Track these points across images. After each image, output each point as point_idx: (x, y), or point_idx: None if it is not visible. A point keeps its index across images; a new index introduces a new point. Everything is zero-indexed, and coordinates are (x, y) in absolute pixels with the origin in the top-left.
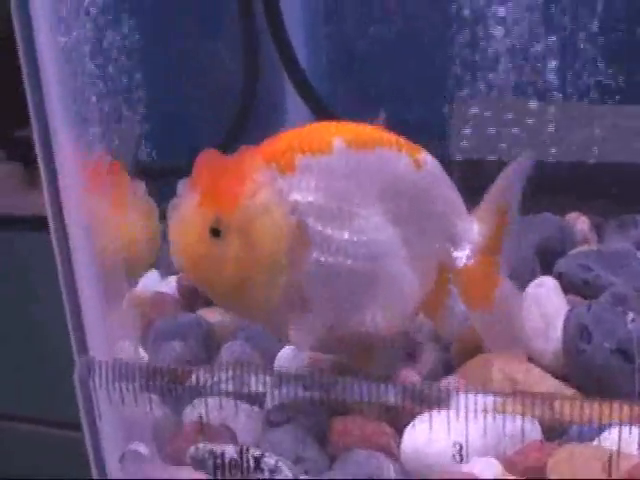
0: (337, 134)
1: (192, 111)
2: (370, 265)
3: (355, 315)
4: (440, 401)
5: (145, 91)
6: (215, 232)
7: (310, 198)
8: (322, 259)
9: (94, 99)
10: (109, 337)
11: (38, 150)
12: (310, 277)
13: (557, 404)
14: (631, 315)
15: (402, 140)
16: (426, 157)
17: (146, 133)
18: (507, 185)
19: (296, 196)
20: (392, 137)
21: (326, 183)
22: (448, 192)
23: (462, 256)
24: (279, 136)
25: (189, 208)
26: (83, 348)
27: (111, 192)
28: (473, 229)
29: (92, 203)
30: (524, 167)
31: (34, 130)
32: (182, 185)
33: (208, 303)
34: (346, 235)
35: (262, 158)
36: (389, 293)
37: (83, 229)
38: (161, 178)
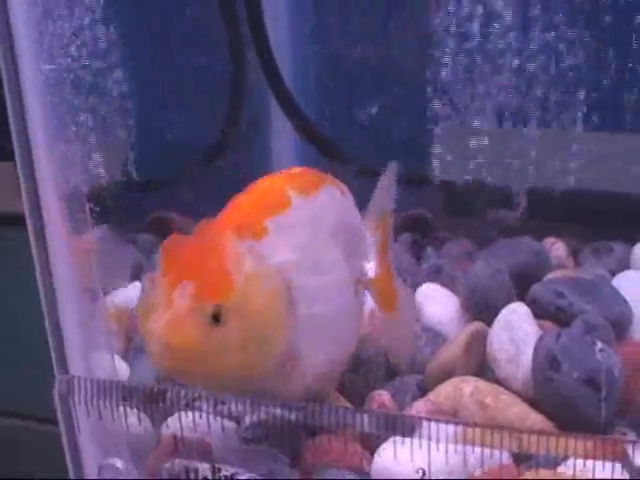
0: (288, 187)
1: (178, 127)
2: (338, 303)
3: (339, 353)
4: (405, 430)
5: (131, 105)
6: (215, 319)
7: (289, 256)
8: (307, 311)
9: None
10: (87, 351)
11: (17, 156)
12: (299, 332)
13: (524, 437)
14: (599, 345)
15: (327, 175)
16: (344, 186)
17: (132, 147)
18: (384, 195)
19: (277, 258)
20: (322, 175)
21: (294, 237)
22: (357, 211)
23: (371, 267)
24: (235, 204)
25: (184, 303)
26: (63, 365)
27: None
28: (371, 240)
29: None
30: (393, 176)
31: (14, 140)
32: (148, 279)
33: None
34: (321, 281)
35: (232, 230)
36: (349, 324)
37: (63, 245)
38: (146, 191)
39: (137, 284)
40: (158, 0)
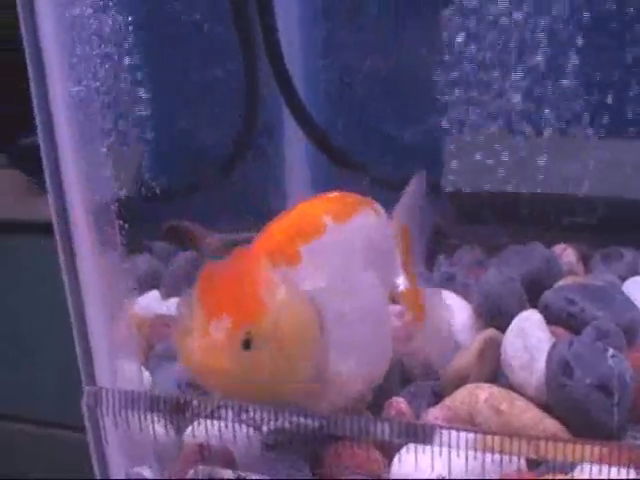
0: (324, 212)
1: (194, 136)
2: (371, 323)
3: (372, 374)
4: (425, 438)
5: (147, 114)
6: (246, 344)
7: (320, 283)
8: (339, 337)
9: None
10: (114, 361)
11: (44, 156)
12: (330, 358)
13: (541, 444)
14: (611, 351)
15: (362, 198)
16: (378, 206)
17: (148, 156)
18: (408, 206)
19: (310, 285)
20: (357, 198)
21: (328, 263)
22: (387, 229)
23: (402, 281)
24: (270, 229)
25: (218, 332)
26: (90, 374)
27: None
28: (400, 252)
29: None
30: (419, 186)
31: (42, 148)
32: (184, 304)
33: None
34: (351, 305)
35: (266, 256)
36: (385, 339)
37: (91, 250)
38: (162, 200)
39: (155, 293)
40: (175, 14)
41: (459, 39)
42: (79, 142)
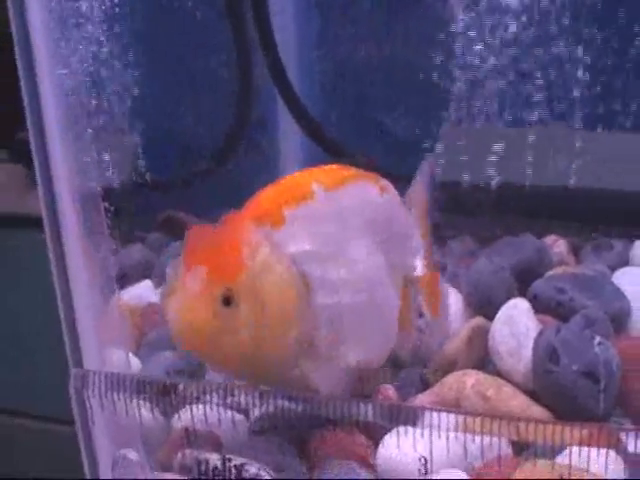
0: (314, 180)
1: (188, 127)
2: (369, 295)
3: (364, 347)
4: (408, 419)
5: (142, 105)
6: (226, 301)
7: (305, 246)
8: (326, 302)
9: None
10: (102, 347)
11: (33, 148)
12: (318, 322)
13: (521, 425)
14: (598, 338)
15: (365, 172)
16: (385, 183)
17: (143, 148)
18: (422, 190)
19: (292, 247)
20: (357, 171)
21: (315, 228)
22: (403, 209)
23: (420, 265)
24: (259, 195)
25: (195, 286)
26: (78, 360)
27: None
28: (419, 237)
29: None
30: (430, 171)
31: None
32: (172, 266)
33: None
34: (343, 273)
35: (251, 219)
36: (387, 318)
37: (77, 238)
38: (157, 191)
39: (147, 282)
40: (169, 6)
41: (454, 30)
42: (68, 132)
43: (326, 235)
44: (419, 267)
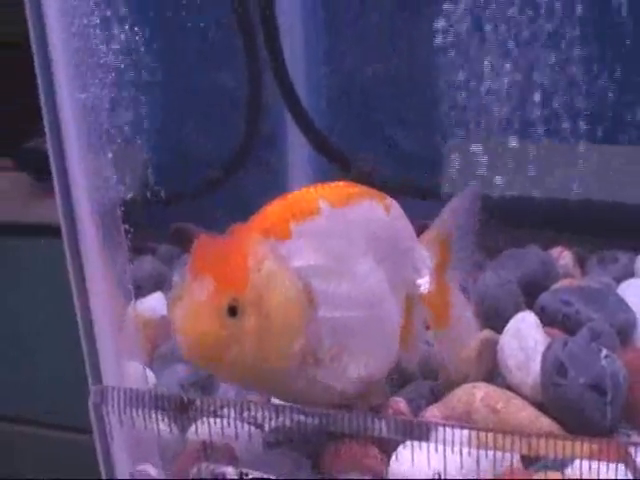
0: (320, 197)
1: (197, 141)
2: (370, 311)
3: (365, 360)
4: (422, 435)
5: (151, 118)
6: (232, 311)
7: (310, 260)
8: (329, 315)
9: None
10: (119, 360)
11: (50, 154)
12: (321, 335)
13: (533, 441)
14: (604, 352)
15: (371, 190)
16: (391, 201)
17: (154, 160)
18: (450, 216)
19: (297, 261)
20: (363, 189)
21: (320, 243)
22: (408, 227)
23: (425, 282)
24: (266, 209)
25: (201, 295)
26: (97, 376)
27: None
28: (427, 256)
29: None
30: (469, 199)
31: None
32: (179, 275)
33: None
34: (346, 288)
35: (258, 232)
36: (388, 332)
37: (97, 251)
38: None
39: (159, 294)
40: (181, 21)
41: (461, 44)
42: (86, 143)
43: (330, 250)
44: (425, 283)
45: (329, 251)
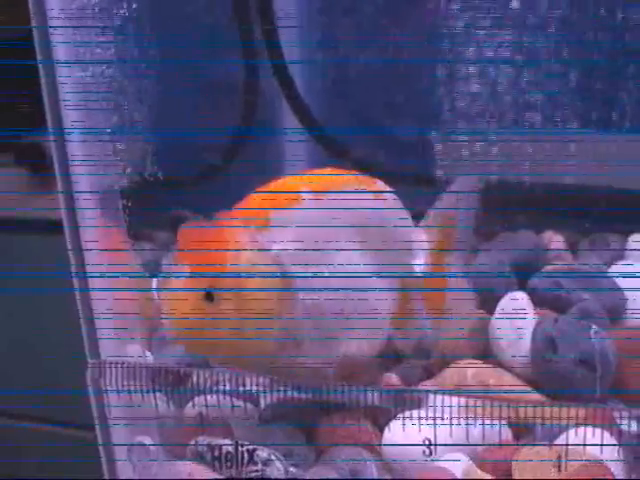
0: (303, 184)
1: (195, 127)
2: (353, 295)
3: (344, 345)
4: (413, 403)
5: (150, 106)
6: (209, 297)
7: (288, 247)
8: (308, 300)
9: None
10: (118, 340)
11: (54, 155)
12: (299, 319)
13: (521, 409)
14: (594, 328)
15: (359, 176)
16: (381, 185)
17: (152, 146)
18: (449, 200)
19: (276, 247)
20: (351, 175)
21: (300, 230)
22: (401, 211)
23: (420, 265)
24: (250, 197)
25: (180, 280)
26: (95, 351)
27: None
28: (423, 239)
29: None
30: (469, 183)
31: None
32: (168, 259)
33: None
34: (327, 272)
35: (239, 220)
36: (373, 316)
37: (96, 235)
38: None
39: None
40: (178, 10)
41: (457, 36)
42: (86, 129)
43: (311, 237)
44: (419, 266)
45: (309, 237)
